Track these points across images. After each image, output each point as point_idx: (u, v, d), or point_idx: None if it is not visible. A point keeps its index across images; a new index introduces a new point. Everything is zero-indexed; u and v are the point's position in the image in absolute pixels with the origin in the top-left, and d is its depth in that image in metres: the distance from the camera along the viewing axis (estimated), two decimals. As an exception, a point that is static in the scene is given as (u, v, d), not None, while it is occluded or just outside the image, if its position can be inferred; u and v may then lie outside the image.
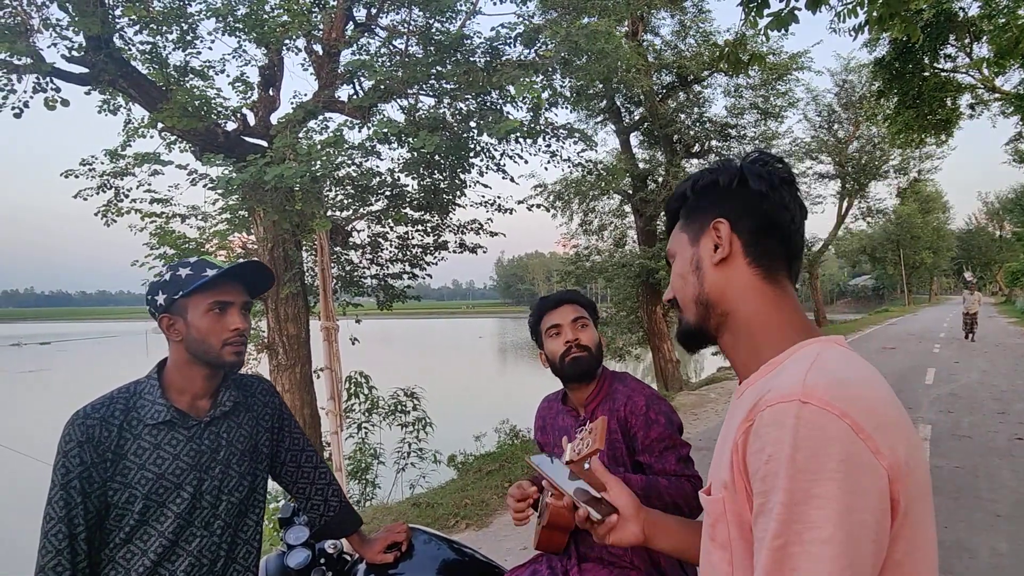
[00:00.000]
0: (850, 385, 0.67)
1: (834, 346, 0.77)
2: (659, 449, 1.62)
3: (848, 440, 0.63)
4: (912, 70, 11.41)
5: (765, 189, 0.83)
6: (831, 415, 0.63)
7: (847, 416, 0.64)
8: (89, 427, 1.27)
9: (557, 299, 1.80)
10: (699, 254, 0.85)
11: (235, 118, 6.09)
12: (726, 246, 0.83)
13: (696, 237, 0.86)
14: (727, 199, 0.85)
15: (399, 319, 74.53)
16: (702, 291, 0.85)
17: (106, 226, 6.72)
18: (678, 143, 13.36)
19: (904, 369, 11.97)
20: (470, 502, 5.10)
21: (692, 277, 0.86)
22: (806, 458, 0.62)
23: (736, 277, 0.83)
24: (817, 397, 0.65)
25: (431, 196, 6.96)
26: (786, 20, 4.30)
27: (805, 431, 0.63)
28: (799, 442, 0.63)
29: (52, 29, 5.21)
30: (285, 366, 6.30)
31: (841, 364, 0.72)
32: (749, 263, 0.82)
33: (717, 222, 0.83)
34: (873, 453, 0.63)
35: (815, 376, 0.67)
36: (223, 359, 1.37)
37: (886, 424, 0.66)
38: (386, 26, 6.57)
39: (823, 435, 0.63)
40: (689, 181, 0.89)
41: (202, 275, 1.35)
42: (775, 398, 0.67)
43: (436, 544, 1.77)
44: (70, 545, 1.25)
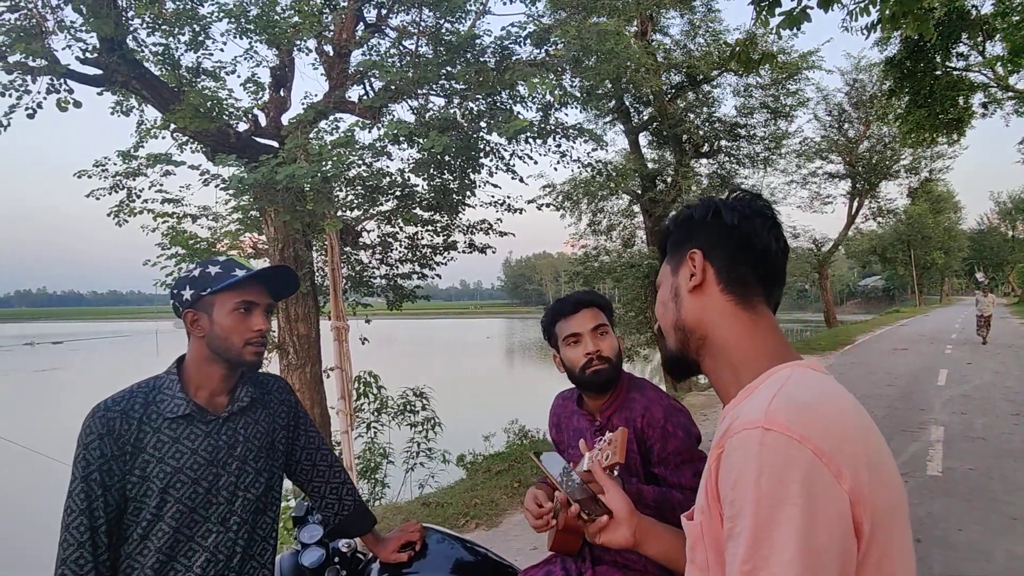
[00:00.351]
0: (812, 409, 0.69)
1: (805, 370, 0.79)
2: (675, 463, 1.59)
3: (809, 464, 0.65)
4: (924, 69, 11.30)
5: (737, 220, 0.88)
6: (792, 440, 0.66)
7: (808, 441, 0.66)
8: (110, 420, 1.29)
9: (575, 302, 1.70)
10: (677, 282, 0.91)
11: (246, 119, 6.13)
12: (699, 274, 0.87)
13: (676, 268, 0.92)
14: (702, 230, 0.90)
15: (408, 319, 74.77)
16: (679, 317, 0.90)
17: (118, 226, 6.78)
18: (687, 143, 13.32)
19: (916, 370, 11.86)
20: (480, 502, 5.11)
21: (671, 304, 0.91)
22: (769, 483, 0.65)
23: (710, 303, 0.87)
24: (779, 423, 0.67)
25: (441, 196, 6.97)
26: (798, 19, 4.27)
27: (768, 457, 0.66)
28: (763, 467, 0.65)
29: (67, 31, 5.26)
30: (295, 365, 6.34)
31: (807, 388, 0.74)
32: (722, 289, 0.86)
33: (692, 252, 0.89)
34: (835, 476, 0.65)
35: (778, 402, 0.70)
36: (244, 358, 1.39)
37: (849, 447, 0.68)
38: (396, 27, 6.60)
39: (784, 460, 0.65)
40: (671, 217, 0.97)
41: (231, 274, 1.37)
42: (741, 425, 0.70)
43: (450, 543, 1.77)
44: (91, 538, 1.26)
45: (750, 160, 14.10)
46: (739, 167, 14.24)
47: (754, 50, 5.22)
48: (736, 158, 14.04)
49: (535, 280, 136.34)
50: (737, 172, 14.28)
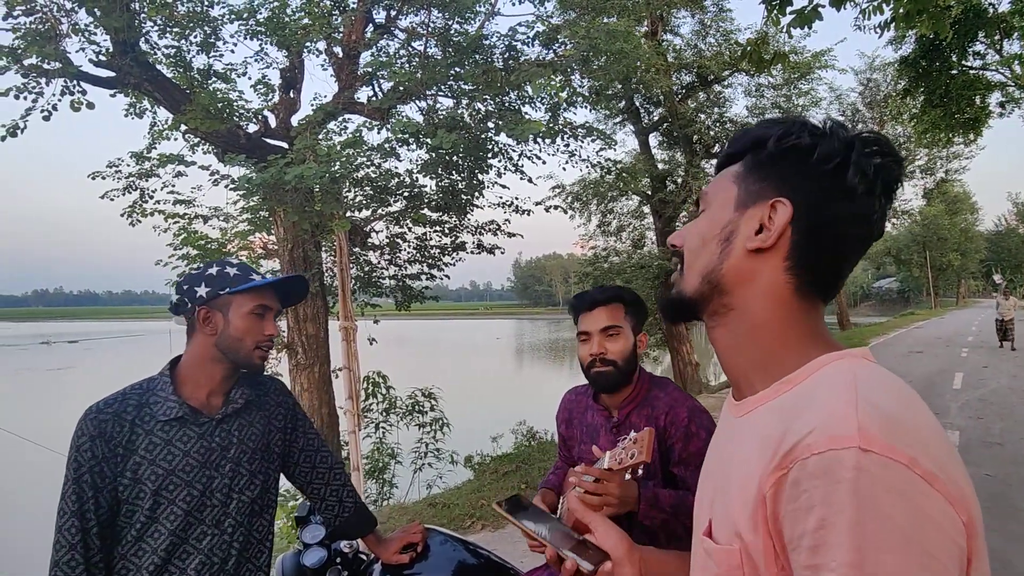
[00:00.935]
0: (910, 419, 0.55)
1: (866, 363, 0.63)
2: (696, 464, 1.56)
3: (922, 493, 0.51)
4: (939, 68, 11.15)
5: (862, 189, 0.64)
6: (899, 466, 0.51)
7: (916, 464, 0.51)
8: (101, 422, 1.29)
9: (592, 301, 1.69)
10: (737, 224, 0.68)
11: (256, 120, 6.17)
12: (773, 236, 0.66)
13: (745, 202, 0.68)
14: (809, 179, 0.65)
15: (417, 320, 75.01)
16: (717, 269, 0.69)
17: (131, 226, 6.85)
18: (698, 144, 13.24)
19: (931, 373, 11.70)
20: (486, 503, 5.09)
21: (714, 246, 0.69)
22: (874, 521, 0.50)
23: (765, 274, 0.67)
24: (878, 442, 0.51)
25: (449, 197, 6.97)
26: (809, 18, 4.22)
27: (869, 488, 0.50)
28: (863, 502, 0.50)
29: (80, 34, 5.32)
30: (304, 365, 6.36)
31: (885, 390, 0.58)
32: (788, 267, 0.66)
33: (778, 201, 0.66)
34: (952, 505, 0.52)
35: (867, 411, 0.54)
36: (252, 360, 1.41)
37: (951, 466, 0.54)
38: (405, 28, 6.61)
39: (892, 492, 0.50)
40: (778, 128, 0.68)
41: (250, 278, 1.40)
42: (821, 442, 0.53)
43: (452, 545, 1.76)
44: (83, 539, 1.26)
45: (762, 161, 13.99)
46: (750, 168, 14.13)
47: (765, 50, 5.17)
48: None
49: (545, 281, 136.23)
50: (748, 173, 14.17)
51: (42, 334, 68.89)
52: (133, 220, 6.79)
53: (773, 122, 0.70)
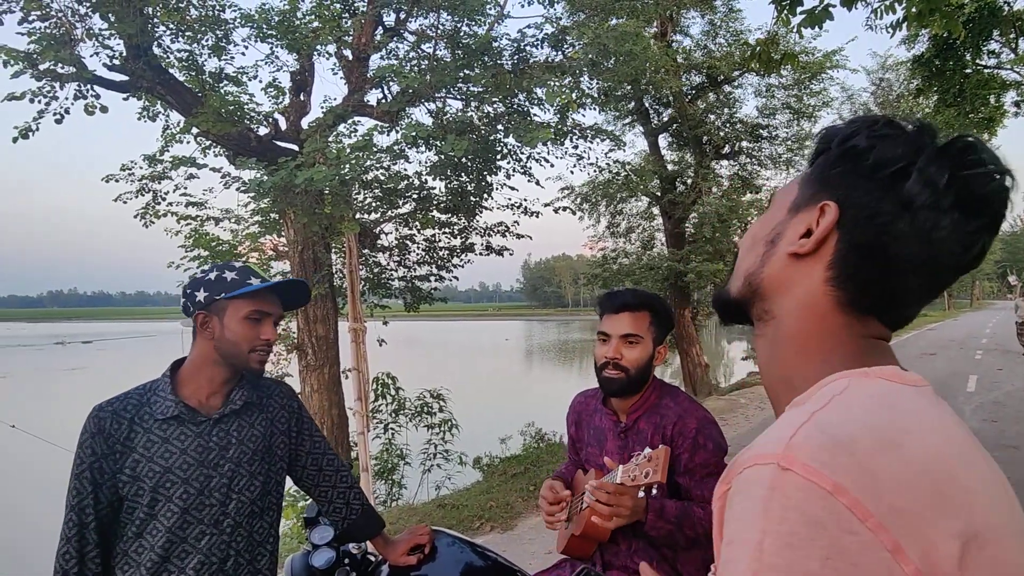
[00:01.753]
0: (861, 442, 0.47)
1: (872, 381, 0.55)
2: (702, 474, 1.57)
3: (841, 528, 0.43)
4: (953, 67, 11.04)
5: (923, 202, 0.55)
6: (817, 489, 0.44)
7: (842, 492, 0.44)
8: (101, 420, 1.33)
9: (621, 304, 1.66)
10: (785, 227, 0.63)
11: (267, 123, 6.22)
12: (812, 242, 0.60)
13: (799, 205, 0.63)
14: (862, 184, 0.58)
15: (426, 321, 75.17)
16: (758, 272, 0.64)
17: (144, 228, 6.93)
18: (708, 144, 13.18)
19: (945, 376, 11.57)
20: (495, 504, 5.10)
21: (760, 248, 0.65)
22: (775, 549, 0.44)
23: (804, 283, 0.61)
24: (800, 463, 0.45)
25: (458, 199, 6.99)
26: (820, 17, 4.19)
27: (778, 510, 0.45)
28: (768, 524, 0.44)
29: (94, 39, 5.40)
30: (314, 366, 6.40)
31: (862, 411, 0.50)
32: (829, 278, 0.59)
33: (826, 205, 0.59)
34: (888, 551, 0.43)
35: (811, 429, 0.48)
36: (249, 365, 1.42)
37: (922, 506, 0.45)
38: (415, 31, 6.64)
39: (803, 518, 0.44)
40: (849, 128, 0.62)
41: (247, 282, 1.40)
42: (752, 456, 0.49)
43: (459, 547, 1.76)
44: (79, 533, 1.30)
45: (772, 161, 13.90)
46: (761, 168, 14.05)
47: (775, 50, 5.14)
48: (758, 159, 13.85)
49: (554, 282, 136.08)
50: (759, 173, 14.09)
51: (57, 334, 69.74)
52: (146, 222, 6.87)
53: (854, 120, 0.63)
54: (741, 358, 23.82)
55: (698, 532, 1.50)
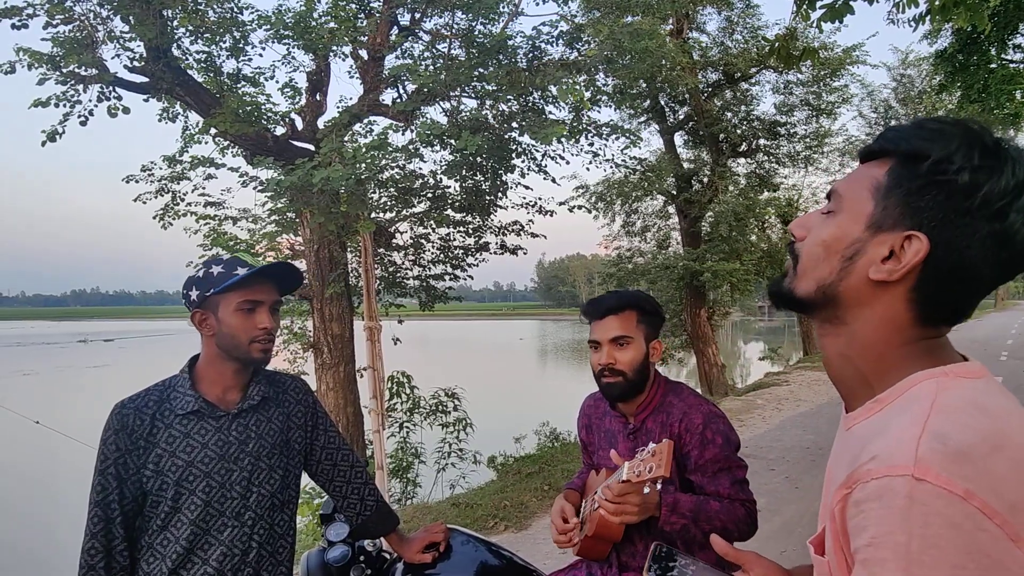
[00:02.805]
0: (978, 450, 0.53)
1: (958, 381, 0.60)
2: (713, 470, 1.55)
3: (977, 526, 0.51)
4: (977, 62, 10.81)
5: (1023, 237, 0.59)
6: (954, 497, 0.51)
7: (973, 497, 0.51)
8: (124, 416, 1.35)
9: (605, 309, 1.66)
10: (865, 246, 0.64)
11: (284, 123, 6.27)
12: (900, 272, 0.62)
13: (880, 223, 0.63)
14: (959, 218, 0.59)
15: (441, 320, 75.45)
16: (835, 285, 0.66)
17: (163, 228, 7.03)
18: (724, 142, 13.05)
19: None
20: (509, 504, 5.09)
21: (836, 261, 0.65)
22: (922, 549, 0.51)
23: (884, 302, 0.64)
24: (934, 473, 0.52)
25: (472, 198, 7.00)
26: (841, 12, 4.11)
27: (920, 516, 0.51)
28: (913, 528, 0.51)
29: (116, 41, 5.48)
30: (329, 365, 6.44)
31: (967, 414, 0.56)
32: (911, 299, 0.62)
33: (915, 236, 0.60)
34: (1012, 541, 0.51)
35: (931, 442, 0.54)
36: (251, 356, 1.42)
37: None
38: (429, 30, 6.65)
39: (943, 521, 0.51)
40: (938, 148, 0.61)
41: (233, 274, 1.39)
42: (881, 468, 0.55)
43: (474, 545, 1.76)
44: (105, 528, 1.32)
45: (790, 159, 13.73)
46: (779, 166, 13.88)
47: (794, 46, 5.07)
48: (776, 157, 13.69)
49: (568, 282, 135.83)
50: (776, 171, 13.93)
51: (80, 332, 71.12)
52: (165, 223, 6.98)
53: (935, 133, 0.62)
54: (758, 358, 23.56)
55: (715, 526, 1.47)
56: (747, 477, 1.59)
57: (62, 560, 6.95)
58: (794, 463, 6.02)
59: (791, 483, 5.40)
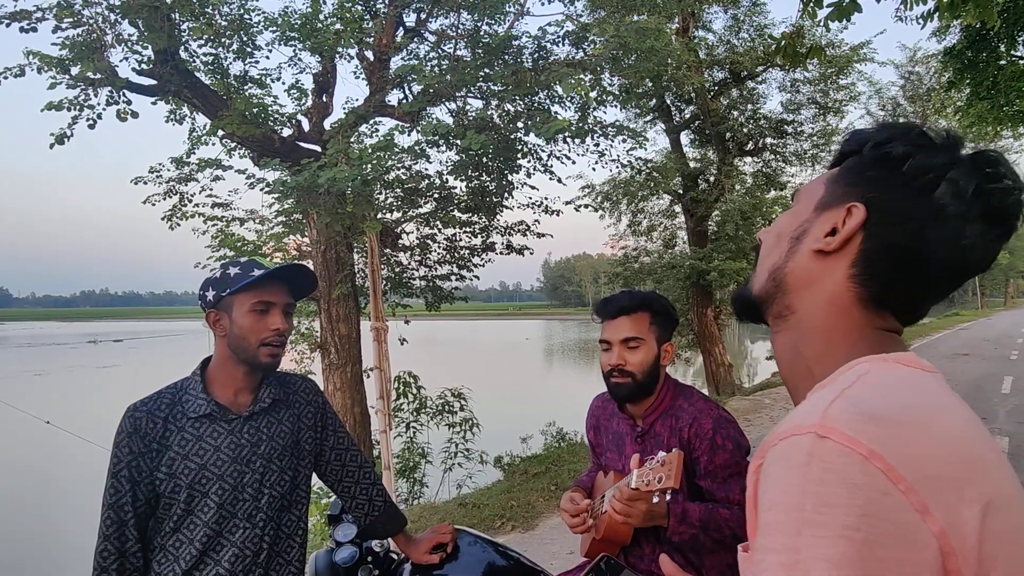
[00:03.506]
0: (893, 416, 0.51)
1: (891, 364, 0.59)
2: (723, 476, 1.54)
3: (876, 489, 0.47)
4: (987, 59, 10.71)
5: (953, 211, 0.59)
6: (855, 455, 0.48)
7: (877, 458, 0.48)
8: (136, 419, 1.35)
9: (617, 309, 1.63)
10: (812, 224, 0.66)
11: (290, 124, 6.30)
12: (838, 240, 0.63)
13: (827, 203, 0.66)
14: (894, 189, 0.62)
15: (447, 320, 75.51)
16: (782, 267, 0.67)
17: (171, 230, 7.07)
18: (731, 141, 13.00)
19: (978, 377, 11.24)
20: (516, 504, 5.09)
21: (785, 244, 0.68)
22: (815, 508, 0.47)
23: (828, 280, 0.64)
24: (838, 431, 0.49)
25: (479, 198, 7.00)
26: (848, 10, 4.08)
27: (817, 472, 0.48)
28: (807, 486, 0.48)
29: (124, 44, 5.52)
30: (336, 365, 6.46)
31: (891, 388, 0.55)
32: (852, 275, 0.63)
33: (853, 206, 0.63)
34: (917, 511, 0.47)
35: (844, 403, 0.52)
36: (259, 359, 1.41)
37: (948, 475, 0.49)
38: (435, 31, 6.66)
39: (840, 479, 0.47)
40: (882, 134, 0.65)
41: (249, 275, 1.40)
42: (788, 429, 0.53)
43: (481, 546, 1.76)
44: (119, 531, 1.32)
45: (797, 158, 13.65)
46: (786, 165, 13.81)
47: (801, 44, 5.04)
48: (782, 156, 13.61)
49: (574, 282, 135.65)
50: (783, 170, 13.86)
51: (89, 333, 71.66)
52: (172, 224, 7.01)
53: (885, 126, 0.66)
54: (765, 358, 23.44)
55: (724, 534, 1.46)
56: None
57: (73, 559, 7.00)
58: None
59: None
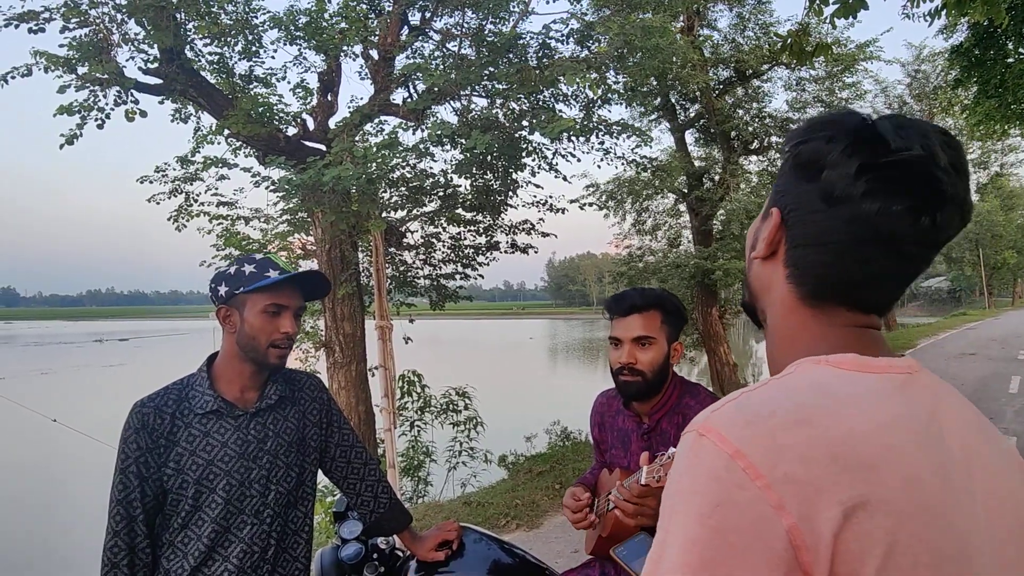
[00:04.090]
0: (771, 420, 0.53)
1: (818, 367, 0.59)
2: None
3: (734, 483, 0.50)
4: (994, 56, 10.64)
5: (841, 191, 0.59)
6: (723, 453, 0.52)
7: (741, 456, 0.51)
8: (144, 415, 1.36)
9: (629, 306, 1.62)
10: (759, 233, 0.68)
11: (295, 123, 6.31)
12: (762, 247, 0.66)
13: (766, 210, 0.68)
14: (792, 183, 0.64)
15: (451, 319, 75.56)
16: (748, 277, 0.71)
17: (177, 230, 7.09)
18: (736, 140, 12.95)
19: (985, 376, 11.18)
20: (521, 503, 5.09)
21: (748, 253, 0.71)
22: (687, 496, 0.52)
23: (775, 284, 0.66)
24: (715, 432, 0.54)
25: (483, 196, 7.00)
26: (854, 7, 4.06)
27: (692, 467, 0.53)
28: (683, 479, 0.53)
29: (130, 43, 5.54)
30: (341, 364, 6.48)
31: (793, 390, 0.56)
32: (788, 275, 0.64)
33: (772, 210, 0.65)
34: (772, 507, 0.49)
35: (732, 406, 0.56)
36: (267, 359, 1.42)
37: (811, 476, 0.50)
38: (440, 29, 6.66)
39: (707, 473, 0.52)
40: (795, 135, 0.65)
41: (264, 275, 1.40)
42: (689, 426, 0.57)
43: (487, 544, 1.76)
44: (128, 527, 1.33)
45: (803, 157, 13.58)
46: (791, 163, 13.75)
47: (806, 41, 5.02)
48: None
49: (579, 281, 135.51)
50: (789, 169, 13.79)
51: (96, 332, 72.03)
52: (179, 225, 7.04)
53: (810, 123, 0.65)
54: (770, 357, 23.35)
55: None
56: None
57: (79, 556, 7.04)
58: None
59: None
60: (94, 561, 1.36)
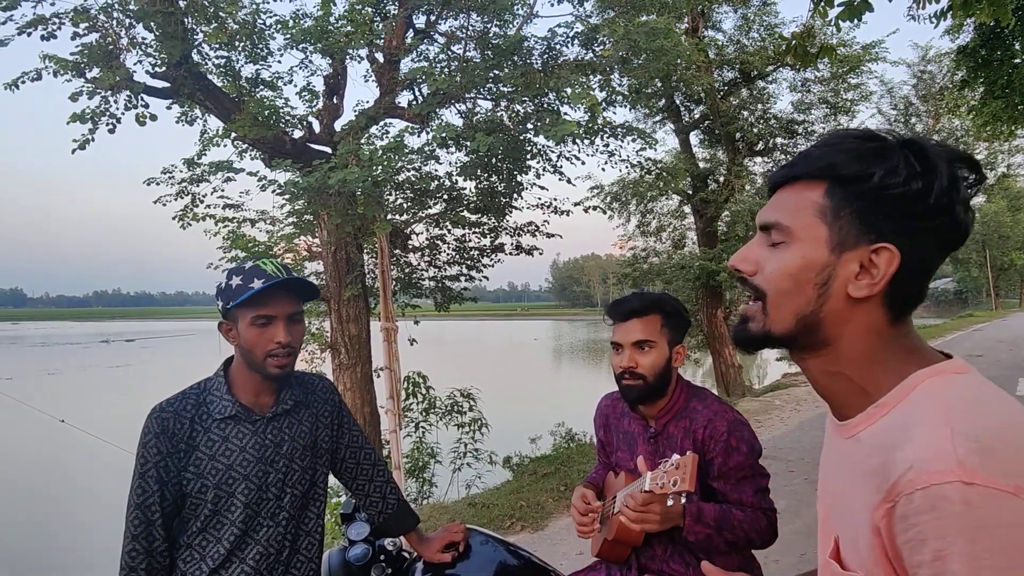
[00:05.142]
0: (1008, 446, 0.55)
1: (960, 379, 0.64)
2: (736, 478, 1.54)
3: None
4: (1001, 57, 10.59)
5: (966, 220, 0.65)
6: (1005, 495, 0.52)
7: (1021, 491, 0.53)
8: (164, 420, 1.36)
9: (628, 311, 1.63)
10: (835, 269, 0.66)
11: (301, 126, 6.34)
12: (880, 284, 0.64)
13: (843, 244, 0.65)
14: (920, 223, 0.64)
15: (456, 320, 75.58)
16: (815, 313, 0.67)
17: (183, 230, 7.13)
18: (740, 141, 12.94)
19: (992, 378, 10.92)
20: (526, 504, 5.10)
21: (810, 290, 0.67)
22: (988, 553, 0.51)
23: (863, 314, 0.66)
24: (981, 476, 0.53)
25: (488, 199, 7.02)
26: (859, 9, 4.06)
27: (979, 520, 0.52)
28: (977, 535, 0.52)
29: (138, 48, 5.58)
30: (347, 365, 6.50)
31: (982, 412, 0.59)
32: (884, 303, 0.66)
33: (884, 248, 0.64)
34: None
35: (965, 443, 0.55)
36: (267, 371, 1.40)
37: None
38: (445, 32, 6.68)
39: (1003, 522, 0.52)
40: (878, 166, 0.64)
41: (249, 287, 1.36)
42: (923, 478, 0.55)
43: (493, 546, 1.77)
44: (146, 530, 1.34)
45: (808, 158, 13.54)
46: (796, 165, 13.70)
47: (811, 43, 5.01)
48: (793, 156, 13.53)
49: (583, 282, 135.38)
50: (794, 170, 13.75)
51: (102, 333, 72.41)
52: (184, 224, 7.08)
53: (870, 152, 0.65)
54: (775, 359, 23.28)
55: (739, 536, 1.47)
56: (769, 487, 1.58)
57: (89, 555, 7.08)
58: (813, 464, 5.95)
59: (811, 485, 5.34)
60: (104, 559, 1.38)
